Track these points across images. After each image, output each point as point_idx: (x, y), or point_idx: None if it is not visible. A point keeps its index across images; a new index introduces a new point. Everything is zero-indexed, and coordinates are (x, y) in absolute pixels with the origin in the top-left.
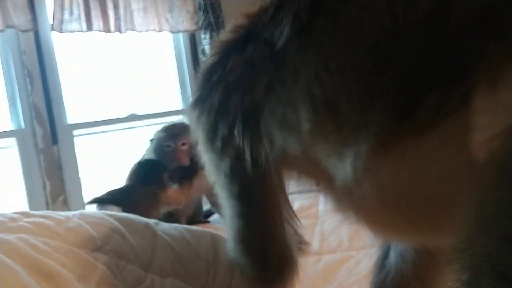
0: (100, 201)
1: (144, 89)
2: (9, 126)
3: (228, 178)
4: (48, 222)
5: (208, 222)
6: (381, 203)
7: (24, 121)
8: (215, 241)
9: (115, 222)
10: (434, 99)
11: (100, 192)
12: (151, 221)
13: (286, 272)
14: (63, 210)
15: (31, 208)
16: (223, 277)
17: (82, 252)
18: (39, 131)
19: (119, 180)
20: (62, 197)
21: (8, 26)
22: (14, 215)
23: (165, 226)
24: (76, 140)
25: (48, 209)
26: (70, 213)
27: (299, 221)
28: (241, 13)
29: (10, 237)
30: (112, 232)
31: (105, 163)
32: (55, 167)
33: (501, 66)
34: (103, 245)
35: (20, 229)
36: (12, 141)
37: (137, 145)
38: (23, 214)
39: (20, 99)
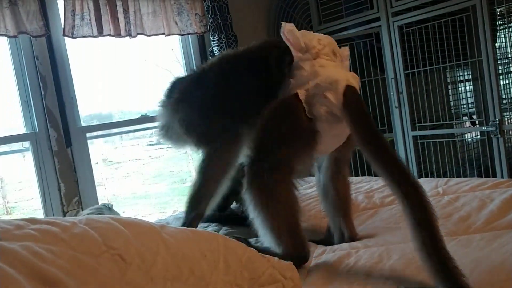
0: None
1: (154, 91)
2: (23, 129)
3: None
4: (53, 228)
5: None
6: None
7: (38, 124)
8: (222, 242)
9: (120, 226)
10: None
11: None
12: (156, 224)
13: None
14: (77, 211)
15: (46, 209)
16: (228, 278)
17: (86, 258)
18: (53, 134)
19: (130, 179)
20: (76, 198)
21: (21, 32)
22: (20, 222)
23: (170, 228)
24: (89, 142)
25: (63, 210)
26: (77, 218)
27: None
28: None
29: (14, 245)
30: (117, 236)
31: (118, 163)
32: (69, 169)
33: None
34: (108, 249)
35: (25, 236)
36: (26, 145)
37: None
38: (29, 221)
39: (34, 103)
